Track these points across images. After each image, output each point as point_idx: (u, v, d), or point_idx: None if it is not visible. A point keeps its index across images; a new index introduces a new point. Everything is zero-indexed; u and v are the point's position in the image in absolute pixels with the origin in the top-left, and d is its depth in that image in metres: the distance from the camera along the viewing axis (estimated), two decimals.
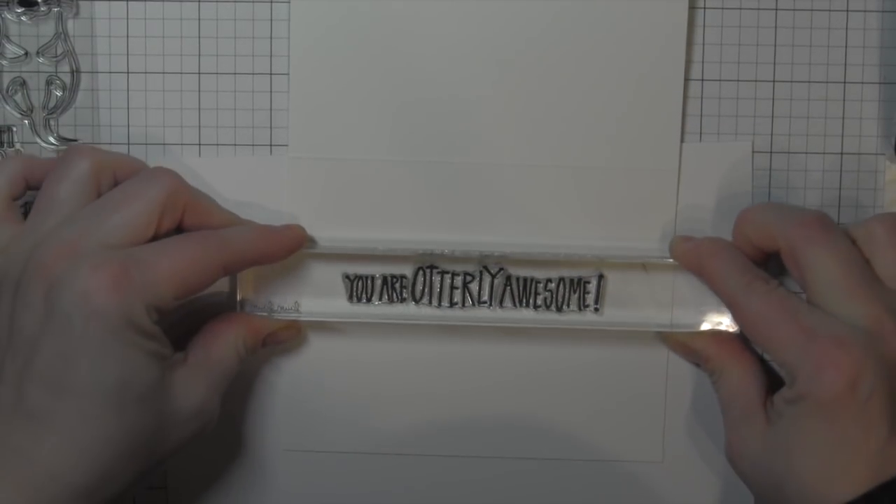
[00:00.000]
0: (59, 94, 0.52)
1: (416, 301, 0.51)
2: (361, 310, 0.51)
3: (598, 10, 0.51)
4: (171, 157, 0.52)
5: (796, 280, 0.46)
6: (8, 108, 0.52)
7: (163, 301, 0.42)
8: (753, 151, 0.53)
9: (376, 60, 0.51)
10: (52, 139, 0.52)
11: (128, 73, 0.52)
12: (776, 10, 0.53)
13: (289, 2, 0.52)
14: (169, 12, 0.52)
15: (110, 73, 0.53)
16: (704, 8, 0.52)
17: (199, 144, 0.53)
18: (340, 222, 0.52)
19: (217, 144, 0.53)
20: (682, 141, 0.52)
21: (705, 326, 0.51)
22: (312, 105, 0.52)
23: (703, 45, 0.53)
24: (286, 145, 0.52)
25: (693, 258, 0.48)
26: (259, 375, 0.53)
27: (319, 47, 0.51)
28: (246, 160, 0.53)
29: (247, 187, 0.52)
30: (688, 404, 0.53)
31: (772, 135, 0.53)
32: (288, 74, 0.52)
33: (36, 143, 0.52)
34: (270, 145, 0.53)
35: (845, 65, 0.53)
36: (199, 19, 0.52)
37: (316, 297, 0.51)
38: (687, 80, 0.52)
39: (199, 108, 0.53)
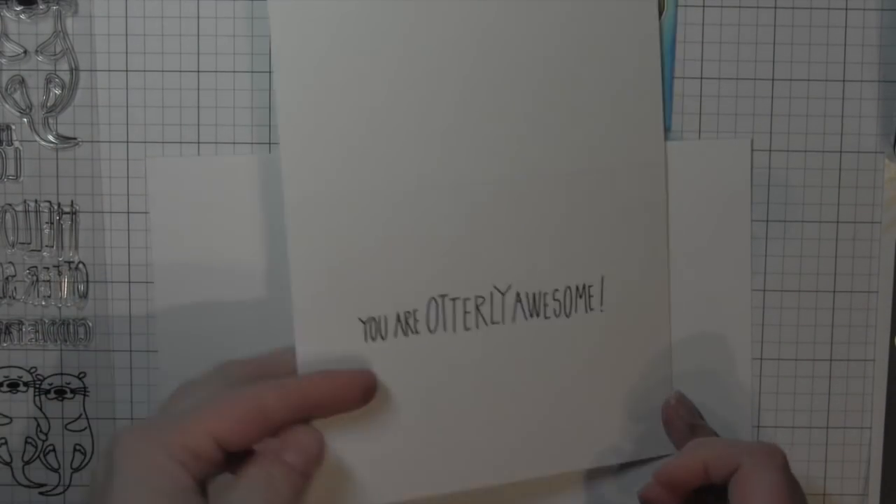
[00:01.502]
0: (58, 92, 0.52)
1: (431, 331, 0.50)
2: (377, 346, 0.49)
3: (573, 15, 0.50)
4: (169, 155, 0.53)
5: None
6: (7, 106, 0.53)
7: (201, 453, 0.42)
8: (752, 150, 0.53)
9: (364, 68, 0.49)
10: (51, 137, 0.53)
11: (127, 71, 0.52)
12: (775, 8, 0.53)
13: None
14: (168, 10, 0.52)
15: (109, 71, 0.53)
16: (703, 6, 0.52)
17: (198, 143, 0.53)
18: (337, 213, 0.52)
19: (216, 143, 0.53)
20: (665, 138, 0.52)
21: None
22: (301, 106, 0.49)
23: (702, 43, 0.53)
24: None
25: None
26: None
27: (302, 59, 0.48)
28: (244, 158, 0.53)
29: (245, 185, 0.52)
30: (695, 399, 0.53)
31: (771, 133, 0.53)
32: (271, 71, 0.52)
33: (35, 141, 0.53)
34: (269, 143, 0.53)
35: (844, 63, 0.53)
36: (197, 17, 0.52)
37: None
38: (674, 77, 0.52)
39: (198, 107, 0.53)
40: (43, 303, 0.54)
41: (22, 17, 0.52)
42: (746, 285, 0.54)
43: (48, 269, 0.54)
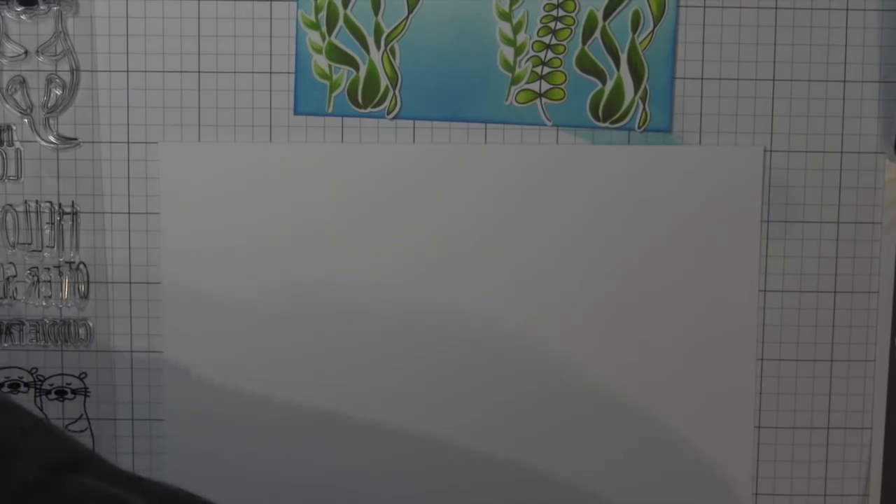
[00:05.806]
0: (58, 92, 0.52)
1: None
2: None
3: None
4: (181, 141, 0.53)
5: None
6: (8, 106, 0.52)
7: None
8: (765, 151, 0.53)
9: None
10: (51, 138, 0.52)
11: (127, 71, 0.52)
12: (776, 8, 0.52)
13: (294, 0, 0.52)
14: (168, 11, 0.52)
15: (110, 71, 0.53)
16: (704, 7, 0.52)
17: (199, 143, 0.53)
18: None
19: (216, 143, 0.53)
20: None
21: None
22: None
23: (703, 43, 0.53)
24: (286, 142, 0.53)
25: None
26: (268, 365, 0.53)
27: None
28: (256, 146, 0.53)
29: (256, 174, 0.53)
30: (695, 400, 0.54)
31: (771, 133, 0.53)
32: (290, 73, 0.52)
33: (36, 141, 0.53)
34: (270, 144, 0.53)
35: (845, 63, 0.53)
36: (198, 18, 0.52)
37: None
38: (675, 78, 0.53)
39: (199, 107, 0.53)
40: (44, 303, 0.54)
41: (23, 17, 0.52)
42: (754, 288, 0.53)
43: (49, 269, 0.54)
